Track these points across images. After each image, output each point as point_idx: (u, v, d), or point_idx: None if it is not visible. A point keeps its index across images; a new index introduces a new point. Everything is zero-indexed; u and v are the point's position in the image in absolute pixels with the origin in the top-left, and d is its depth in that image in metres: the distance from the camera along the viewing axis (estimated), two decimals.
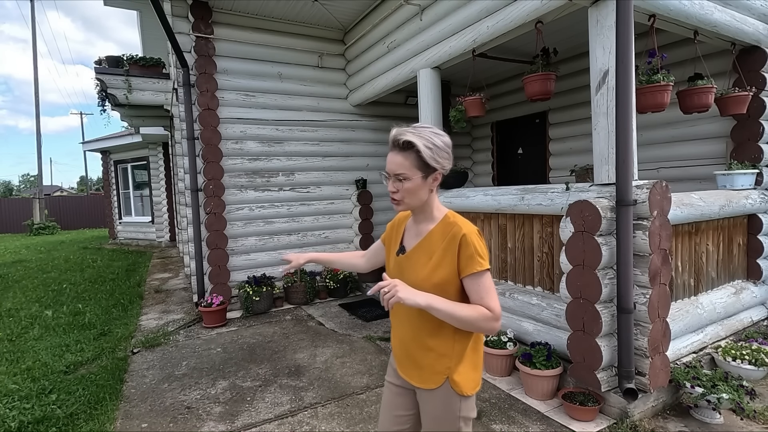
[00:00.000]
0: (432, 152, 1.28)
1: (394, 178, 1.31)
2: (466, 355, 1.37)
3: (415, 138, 1.27)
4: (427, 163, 1.28)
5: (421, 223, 1.41)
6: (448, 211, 1.39)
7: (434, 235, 1.36)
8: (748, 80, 3.56)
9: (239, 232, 5.39)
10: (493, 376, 3.31)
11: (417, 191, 1.32)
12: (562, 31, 4.36)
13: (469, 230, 1.30)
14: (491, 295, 1.27)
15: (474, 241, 1.28)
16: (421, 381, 1.39)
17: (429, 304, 1.23)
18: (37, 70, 18.60)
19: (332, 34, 5.86)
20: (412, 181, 1.30)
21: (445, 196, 4.20)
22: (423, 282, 1.31)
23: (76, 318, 5.17)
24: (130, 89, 7.27)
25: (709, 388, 2.57)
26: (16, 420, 2.83)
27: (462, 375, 1.36)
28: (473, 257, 1.27)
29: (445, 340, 1.35)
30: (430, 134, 1.29)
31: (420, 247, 1.38)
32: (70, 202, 22.41)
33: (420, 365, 1.39)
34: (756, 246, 3.69)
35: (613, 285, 2.62)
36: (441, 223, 1.36)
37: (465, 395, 1.36)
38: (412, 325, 1.39)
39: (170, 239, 11.94)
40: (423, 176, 1.30)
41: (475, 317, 1.24)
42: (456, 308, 1.24)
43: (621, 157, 2.55)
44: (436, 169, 1.31)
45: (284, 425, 2.72)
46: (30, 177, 66.83)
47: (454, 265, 1.29)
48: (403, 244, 1.46)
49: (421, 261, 1.36)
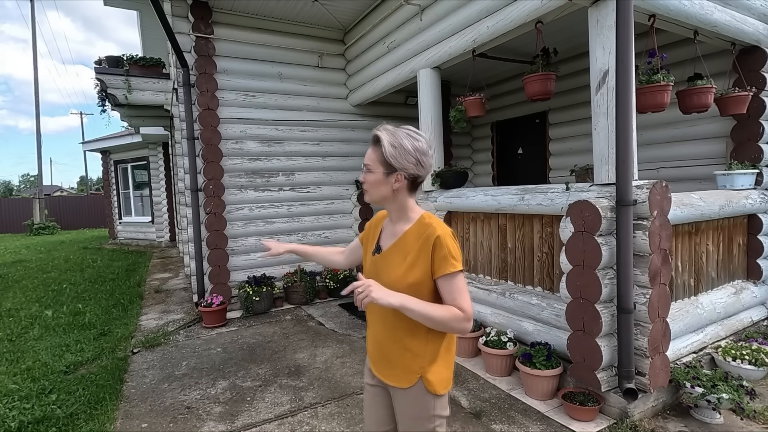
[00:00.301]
0: (395, 151, 1.30)
1: (364, 168, 1.38)
2: (440, 354, 1.39)
3: (384, 135, 1.31)
4: (389, 162, 1.31)
5: (397, 224, 1.43)
6: (424, 212, 1.41)
7: (409, 236, 1.37)
8: (748, 80, 3.56)
9: (239, 232, 5.39)
10: (493, 376, 3.31)
11: (378, 186, 1.36)
12: (562, 31, 4.36)
13: (443, 232, 1.31)
14: (463, 296, 1.29)
15: (447, 242, 1.30)
16: (395, 380, 1.41)
17: (402, 305, 1.25)
18: (37, 70, 18.61)
19: (332, 34, 5.86)
20: (374, 174, 1.35)
21: (445, 196, 4.20)
22: (397, 282, 1.33)
23: (76, 318, 5.17)
24: (130, 89, 7.27)
25: (709, 388, 2.57)
26: (16, 420, 2.83)
27: (435, 374, 1.38)
28: (446, 258, 1.28)
29: (419, 340, 1.37)
30: (403, 135, 1.32)
31: (395, 247, 1.40)
32: (70, 202, 22.41)
33: (394, 364, 1.41)
34: (756, 246, 3.69)
35: (613, 285, 2.63)
36: (416, 224, 1.38)
37: (438, 394, 1.38)
38: (387, 325, 1.41)
39: (170, 239, 11.94)
40: (385, 173, 1.33)
41: (448, 318, 1.26)
42: (429, 309, 1.26)
43: (621, 157, 2.55)
44: (397, 170, 1.32)
45: (284, 425, 2.72)
46: (30, 177, 66.83)
47: (427, 265, 1.31)
48: (380, 243, 1.48)
49: (396, 261, 1.38)
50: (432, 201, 4.35)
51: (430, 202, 4.37)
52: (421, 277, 1.32)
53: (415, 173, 1.34)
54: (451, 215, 4.30)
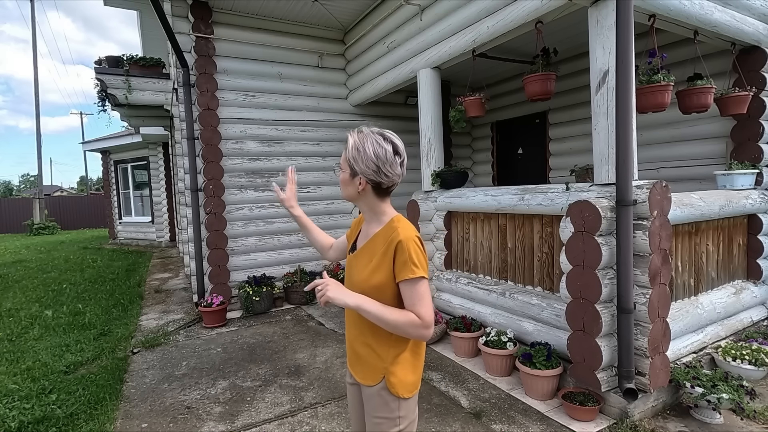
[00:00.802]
0: (356, 155, 1.31)
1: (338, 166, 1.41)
2: (403, 358, 1.38)
3: (352, 136, 1.34)
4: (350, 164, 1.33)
5: (370, 225, 1.44)
6: (395, 215, 1.40)
7: (378, 238, 1.37)
8: (748, 80, 3.56)
9: (239, 232, 5.39)
10: (493, 376, 3.31)
11: (346, 185, 1.38)
12: (562, 31, 4.36)
13: (407, 236, 1.29)
14: (423, 302, 1.27)
15: (409, 247, 1.28)
16: (362, 377, 1.43)
17: (357, 305, 1.26)
18: (37, 70, 18.60)
19: (332, 34, 5.86)
20: (343, 173, 1.37)
21: (446, 196, 4.20)
22: (363, 283, 1.34)
23: (76, 318, 5.17)
24: (130, 89, 7.27)
25: (709, 388, 2.57)
26: (16, 420, 2.83)
27: (397, 377, 1.37)
28: (406, 264, 1.27)
29: (381, 342, 1.37)
30: (371, 140, 1.30)
31: (365, 248, 1.41)
32: (70, 202, 22.40)
33: (361, 361, 1.43)
34: (756, 246, 3.69)
35: (613, 285, 2.62)
36: (385, 226, 1.38)
37: (402, 396, 1.37)
38: (356, 323, 1.42)
39: (170, 239, 11.94)
40: (350, 174, 1.34)
41: (403, 322, 1.26)
42: (385, 312, 1.26)
43: (621, 157, 2.55)
44: (357, 173, 1.32)
45: (284, 425, 2.72)
46: (30, 177, 66.83)
47: (389, 269, 1.30)
48: (356, 243, 1.50)
49: (363, 262, 1.38)
50: (432, 201, 4.36)
51: (430, 202, 4.37)
52: (384, 280, 1.31)
53: (376, 180, 1.32)
54: (451, 215, 4.30)
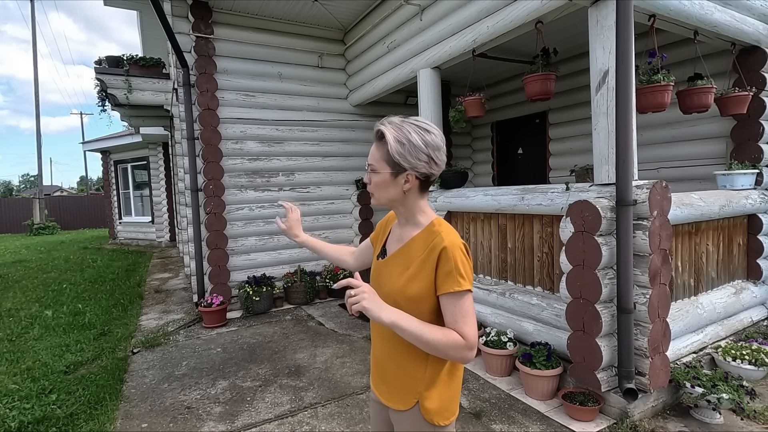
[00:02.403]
0: (402, 148, 1.13)
1: (368, 168, 1.21)
2: (440, 380, 1.21)
3: (388, 130, 1.14)
4: (396, 160, 1.14)
5: (404, 227, 1.27)
6: (435, 217, 1.24)
7: (415, 243, 1.21)
8: (748, 80, 3.56)
9: (239, 232, 5.39)
10: (493, 376, 3.31)
11: (386, 187, 1.18)
12: (562, 31, 4.36)
13: (452, 243, 1.13)
14: (467, 320, 1.11)
15: (456, 255, 1.12)
16: (389, 398, 1.27)
17: (393, 322, 1.08)
18: (37, 70, 18.59)
19: (332, 34, 5.86)
20: (380, 175, 1.17)
21: (445, 196, 4.20)
22: (397, 294, 1.18)
23: (76, 318, 5.17)
24: (130, 89, 7.27)
25: (709, 388, 2.57)
26: (16, 420, 2.83)
27: (434, 402, 1.20)
28: (451, 274, 1.11)
29: (417, 362, 1.20)
30: (411, 128, 1.14)
31: (399, 254, 1.24)
32: (70, 202, 22.40)
33: (389, 381, 1.26)
34: (756, 246, 3.69)
35: (613, 285, 2.62)
36: (425, 230, 1.21)
37: (438, 425, 1.21)
38: (386, 339, 1.25)
39: (170, 239, 11.94)
40: (392, 173, 1.16)
41: (444, 343, 1.08)
42: (424, 330, 1.09)
43: (621, 157, 2.55)
44: (406, 169, 1.15)
45: (284, 425, 2.72)
46: (30, 177, 66.82)
47: (431, 280, 1.14)
48: (386, 247, 1.32)
49: (397, 270, 1.21)
50: (432, 201, 4.36)
51: (430, 202, 4.37)
52: (423, 291, 1.15)
53: (428, 172, 1.16)
54: (451, 215, 4.30)
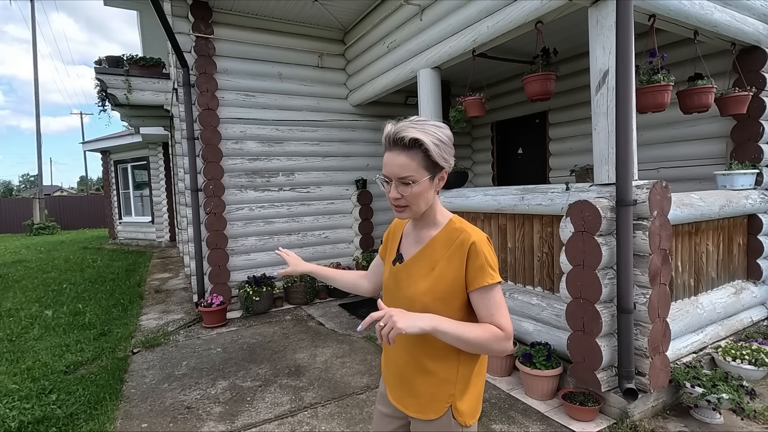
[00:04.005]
0: (440, 149, 1.12)
1: (397, 182, 1.13)
2: (472, 379, 1.21)
3: (421, 134, 1.09)
4: (436, 162, 1.13)
5: (422, 229, 1.24)
6: (453, 215, 1.24)
7: (437, 243, 1.19)
8: (748, 80, 3.56)
9: (239, 232, 5.39)
10: (493, 376, 3.31)
11: (425, 194, 1.15)
12: (562, 31, 4.36)
13: (479, 238, 1.14)
14: (502, 311, 1.12)
15: (485, 250, 1.13)
16: (418, 410, 1.22)
17: (434, 328, 1.05)
18: (37, 70, 18.59)
19: (332, 34, 5.86)
20: (419, 184, 1.12)
21: (445, 196, 4.19)
22: (424, 295, 1.16)
23: (76, 318, 5.17)
24: (130, 89, 7.27)
25: (709, 388, 2.57)
26: (16, 420, 2.83)
27: (466, 403, 1.19)
28: (483, 268, 1.11)
29: (449, 364, 1.18)
30: (434, 129, 1.13)
31: (421, 255, 1.22)
32: (70, 202, 22.40)
33: (417, 393, 1.21)
34: (756, 246, 3.69)
35: (613, 285, 2.62)
36: (445, 229, 1.20)
37: (468, 426, 1.20)
38: (408, 347, 1.21)
39: (170, 239, 11.94)
40: (430, 177, 1.14)
41: (486, 338, 1.08)
42: (465, 330, 1.08)
43: (621, 157, 2.55)
44: (443, 168, 1.15)
45: (284, 425, 2.72)
46: (30, 177, 66.84)
47: (461, 276, 1.14)
48: (401, 252, 1.29)
49: (421, 271, 1.19)
50: None
51: None
52: (452, 289, 1.14)
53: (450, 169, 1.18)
54: None
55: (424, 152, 1.11)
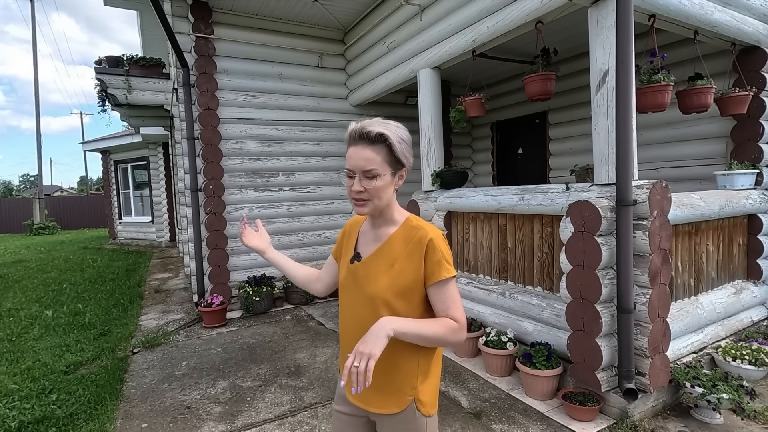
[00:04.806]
0: (402, 147, 1.18)
1: (361, 176, 1.17)
2: (431, 370, 1.26)
3: (386, 131, 1.16)
4: (398, 159, 1.18)
5: (380, 227, 1.28)
6: (409, 214, 1.29)
7: (396, 240, 1.23)
8: (748, 80, 3.56)
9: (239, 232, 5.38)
10: (493, 376, 3.31)
11: (386, 189, 1.20)
12: (562, 31, 4.36)
13: (436, 234, 1.20)
14: (457, 303, 1.19)
15: (441, 246, 1.19)
16: (382, 406, 1.24)
17: (396, 330, 1.09)
18: (37, 70, 18.59)
19: (332, 34, 5.86)
20: (382, 178, 1.17)
21: (445, 196, 4.20)
22: (385, 291, 1.20)
23: (76, 318, 5.17)
24: (130, 89, 7.27)
25: (709, 388, 2.57)
26: (16, 420, 2.83)
27: (428, 393, 1.25)
28: (441, 263, 1.17)
29: (410, 357, 1.22)
30: (396, 128, 1.19)
31: (380, 253, 1.25)
32: (70, 202, 22.41)
33: (381, 388, 1.23)
34: (756, 246, 3.69)
35: (613, 285, 2.62)
36: (403, 226, 1.25)
37: (430, 415, 1.25)
38: None
39: (170, 239, 11.94)
40: (392, 173, 1.20)
41: (443, 332, 1.15)
42: (423, 326, 1.14)
43: (621, 157, 2.55)
44: (404, 166, 1.21)
45: (284, 425, 2.72)
46: (30, 177, 66.85)
47: (419, 272, 1.19)
48: (358, 250, 1.31)
49: (381, 268, 1.22)
50: (432, 201, 4.35)
51: (430, 202, 4.37)
52: (412, 285, 1.19)
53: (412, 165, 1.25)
54: (451, 215, 4.30)
55: (388, 147, 1.16)
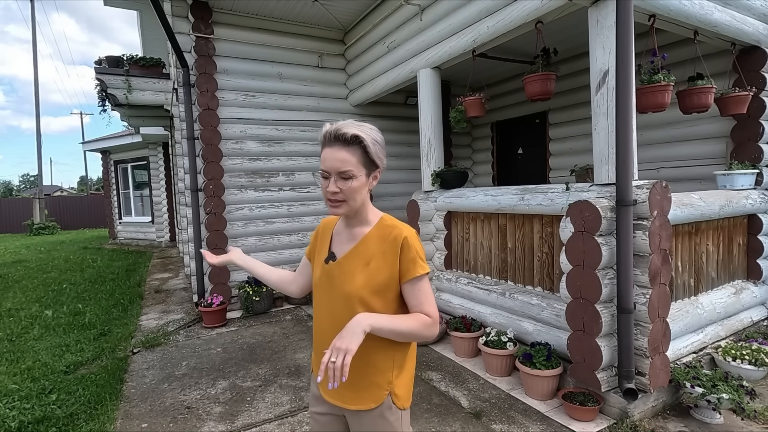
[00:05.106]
0: (376, 148, 1.21)
1: (337, 177, 1.18)
2: (406, 364, 1.30)
3: (360, 132, 1.17)
4: (372, 160, 1.21)
5: (354, 227, 1.30)
6: (383, 214, 1.32)
7: (371, 239, 1.26)
8: (748, 80, 3.56)
9: (239, 232, 5.39)
10: (493, 376, 3.31)
11: (361, 190, 1.21)
12: (562, 31, 4.36)
13: (410, 233, 1.24)
14: (430, 299, 1.23)
15: (415, 243, 1.23)
16: (358, 402, 1.26)
17: (371, 326, 1.12)
18: (37, 70, 18.59)
19: (332, 34, 5.86)
20: (358, 179, 1.19)
21: (446, 196, 4.20)
22: (361, 289, 1.22)
23: (76, 318, 5.17)
24: (130, 89, 7.27)
25: (709, 388, 2.57)
26: (16, 420, 2.83)
27: (402, 387, 1.28)
28: (415, 260, 1.21)
29: (385, 352, 1.25)
30: (369, 130, 1.21)
31: (355, 252, 1.27)
32: (70, 202, 22.40)
33: (357, 384, 1.25)
34: (756, 246, 3.69)
35: (613, 285, 2.62)
36: (378, 226, 1.27)
37: (405, 408, 1.28)
38: None
39: (170, 239, 11.94)
40: (367, 174, 1.22)
41: (417, 327, 1.19)
42: (398, 322, 1.17)
43: (621, 157, 2.55)
44: (377, 167, 1.24)
45: (284, 425, 2.72)
46: (30, 177, 66.85)
47: (394, 269, 1.22)
48: (332, 250, 1.33)
49: (357, 267, 1.25)
50: (432, 201, 4.35)
51: (430, 202, 4.37)
52: (387, 282, 1.22)
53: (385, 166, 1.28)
54: (451, 215, 4.30)
55: (363, 149, 1.18)
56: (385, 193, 6.39)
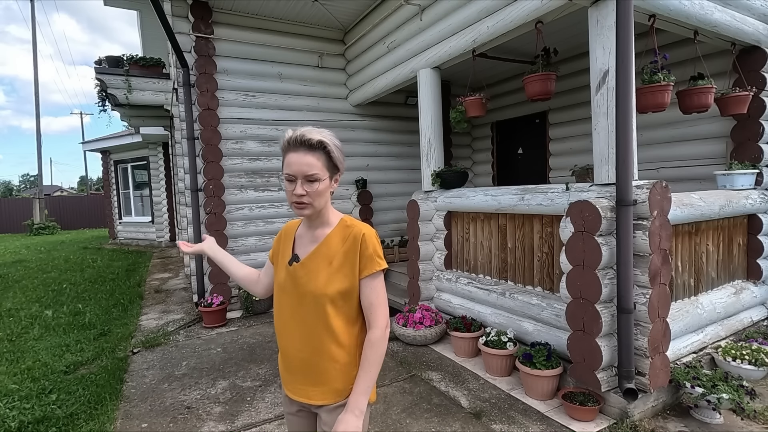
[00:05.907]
0: (338, 153, 1.27)
1: (303, 180, 1.22)
2: None
3: (324, 138, 1.23)
4: (335, 164, 1.28)
5: (317, 229, 1.34)
6: (343, 215, 1.37)
7: (333, 239, 1.30)
8: (748, 80, 3.56)
9: (239, 232, 5.39)
10: (493, 376, 3.31)
11: (325, 192, 1.27)
12: (562, 31, 4.36)
13: (369, 231, 1.29)
14: (381, 299, 1.27)
15: (373, 240, 1.28)
16: (325, 397, 1.31)
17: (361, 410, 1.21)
18: (38, 70, 18.59)
19: (332, 34, 5.86)
20: (323, 182, 1.24)
21: (446, 196, 4.20)
22: (323, 288, 1.26)
23: (76, 318, 5.17)
24: (130, 89, 7.27)
25: (709, 388, 2.57)
26: (16, 420, 2.83)
27: None
28: (372, 257, 1.26)
29: (349, 348, 1.29)
30: (330, 136, 1.26)
31: (318, 252, 1.31)
32: (70, 202, 22.40)
33: (324, 380, 1.30)
34: (756, 246, 3.69)
35: (613, 285, 2.62)
36: (338, 227, 1.32)
37: (371, 402, 1.31)
38: (312, 337, 1.29)
39: (170, 239, 11.94)
40: (330, 177, 1.27)
41: (380, 354, 1.25)
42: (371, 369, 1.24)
43: (621, 157, 2.55)
44: (338, 171, 1.30)
45: (284, 425, 2.72)
46: (30, 177, 66.86)
47: (355, 267, 1.26)
48: (296, 252, 1.36)
49: (320, 266, 1.29)
50: (432, 201, 4.35)
51: (430, 202, 4.37)
52: (351, 281, 1.27)
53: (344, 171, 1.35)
54: (451, 215, 4.30)
55: (327, 154, 1.24)
56: (385, 193, 6.39)
